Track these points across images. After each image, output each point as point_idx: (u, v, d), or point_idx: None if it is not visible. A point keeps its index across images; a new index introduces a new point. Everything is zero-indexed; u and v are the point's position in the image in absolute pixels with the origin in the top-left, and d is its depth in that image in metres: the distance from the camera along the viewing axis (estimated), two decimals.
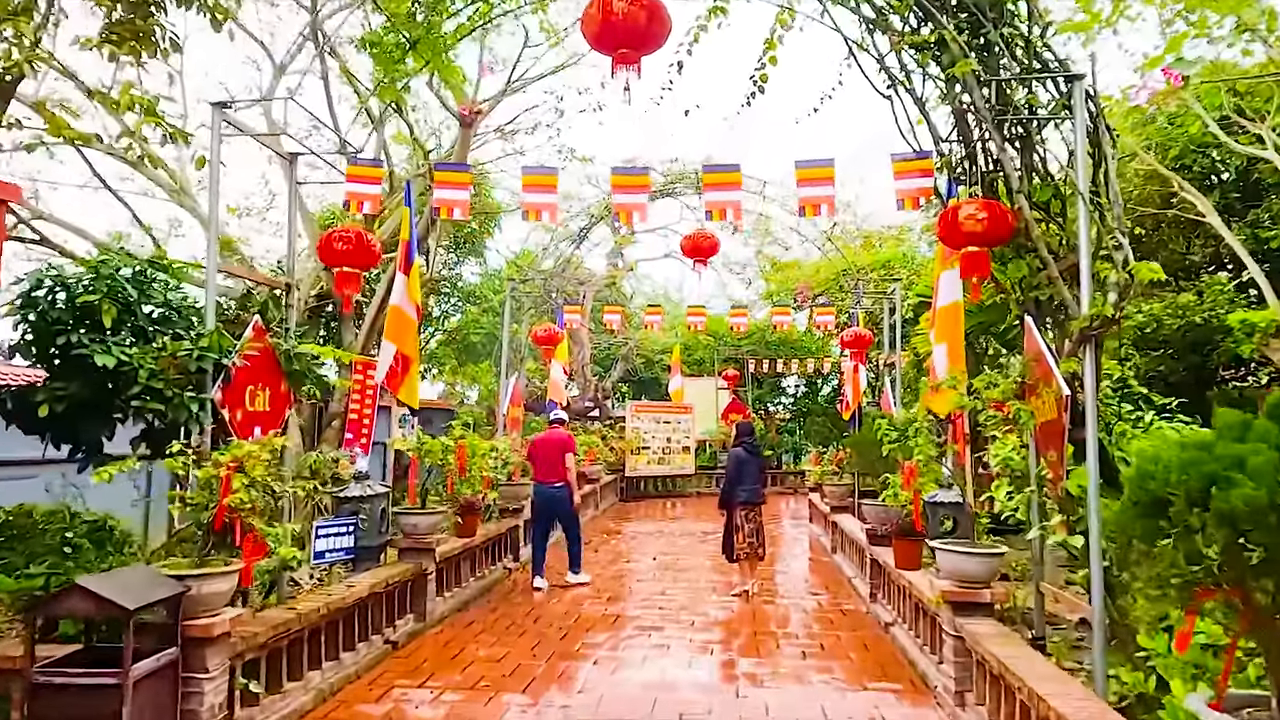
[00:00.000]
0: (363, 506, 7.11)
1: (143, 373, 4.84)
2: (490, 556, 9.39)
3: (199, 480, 4.55)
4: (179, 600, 4.05)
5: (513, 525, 10.18)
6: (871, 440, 8.55)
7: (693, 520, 16.06)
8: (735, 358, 23.67)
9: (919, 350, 9.96)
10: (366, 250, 6.22)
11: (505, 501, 10.30)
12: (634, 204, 6.19)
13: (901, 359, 11.27)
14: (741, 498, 8.99)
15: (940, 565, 5.36)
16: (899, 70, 5.77)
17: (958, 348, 7.02)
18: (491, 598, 8.64)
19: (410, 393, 7.87)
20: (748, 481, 9.02)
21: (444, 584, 7.84)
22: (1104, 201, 4.86)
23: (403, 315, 7.84)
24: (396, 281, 7.89)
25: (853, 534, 9.52)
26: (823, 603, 8.54)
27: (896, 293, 11.00)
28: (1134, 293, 4.50)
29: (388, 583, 6.52)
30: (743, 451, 9.31)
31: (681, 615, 7.91)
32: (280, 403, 6.03)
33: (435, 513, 7.30)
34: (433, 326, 17.64)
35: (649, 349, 23.01)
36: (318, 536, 6.74)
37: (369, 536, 7.12)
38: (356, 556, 7.08)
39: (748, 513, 9.06)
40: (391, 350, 7.77)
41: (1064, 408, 4.67)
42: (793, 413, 26.85)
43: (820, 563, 11.07)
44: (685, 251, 12.31)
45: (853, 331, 11.63)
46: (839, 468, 11.18)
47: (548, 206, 6.37)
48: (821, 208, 6.11)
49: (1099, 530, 4.53)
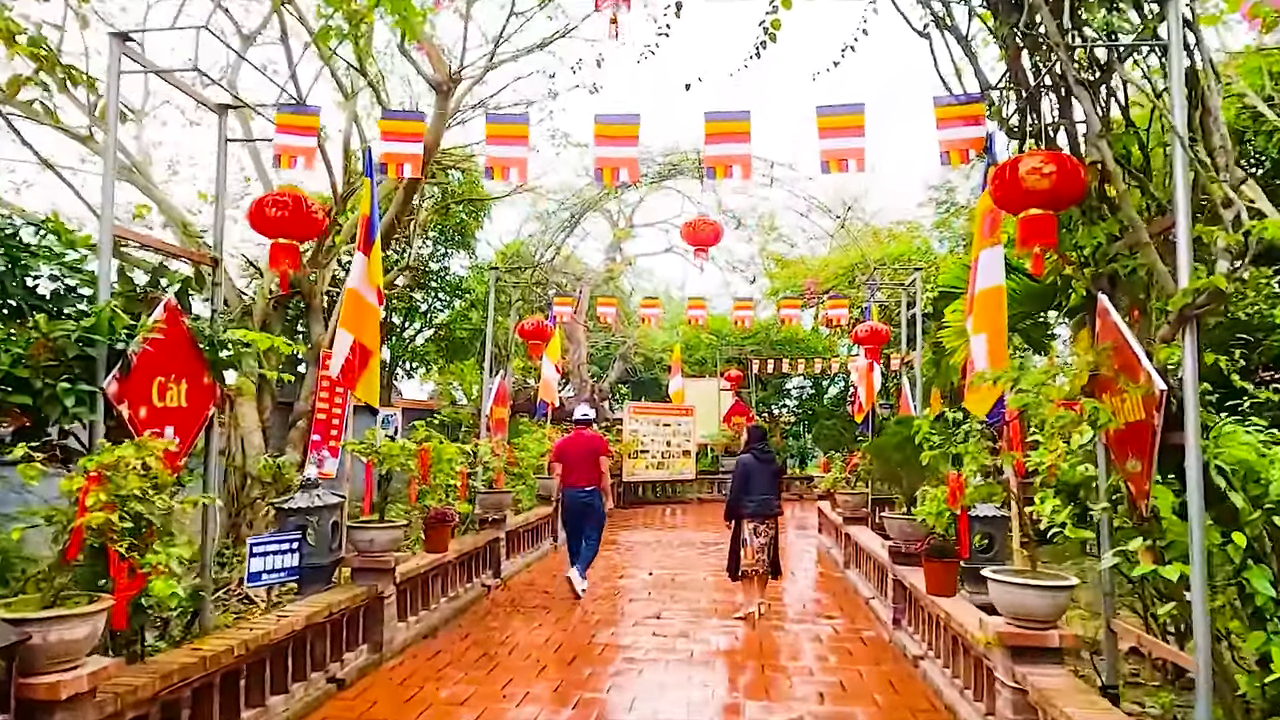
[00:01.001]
0: (310, 520, 6.14)
1: (5, 358, 3.88)
2: (466, 573, 8.41)
3: (62, 492, 3.59)
4: (12, 652, 3.08)
5: (494, 538, 9.21)
6: (894, 445, 7.58)
7: (693, 529, 15.08)
8: (738, 357, 22.69)
9: (945, 345, 9.00)
10: (306, 218, 5.25)
11: (486, 511, 9.33)
12: (623, 159, 5.21)
13: (920, 357, 10.30)
14: (749, 508, 7.99)
15: (995, 598, 4.38)
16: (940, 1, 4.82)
17: (1000, 338, 6.03)
18: (465, 621, 7.67)
19: (369, 389, 6.91)
20: (757, 491, 7.99)
21: (407, 608, 6.87)
22: (1206, 148, 3.89)
23: (361, 301, 6.89)
24: (355, 263, 6.93)
25: (871, 550, 8.54)
26: (839, 629, 7.56)
27: (917, 283, 10.02)
28: (1249, 258, 3.53)
29: (331, 610, 5.54)
30: (752, 459, 8.25)
31: (679, 644, 6.92)
32: (202, 398, 5.06)
33: (394, 526, 6.32)
34: (419, 321, 16.68)
35: (648, 348, 22.03)
36: (253, 555, 5.78)
37: (318, 554, 6.16)
38: (302, 578, 6.12)
39: (757, 525, 8.05)
40: (348, 341, 6.81)
41: (1156, 406, 3.70)
42: (797, 416, 25.87)
43: (832, 579, 10.08)
44: (686, 239, 11.37)
45: (868, 326, 10.65)
46: (853, 475, 10.21)
47: (516, 162, 5.41)
48: (849, 163, 5.13)
49: (1203, 560, 3.57)
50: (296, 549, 6.06)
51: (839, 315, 10.82)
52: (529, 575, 10.05)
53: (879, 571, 8.16)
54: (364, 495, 6.55)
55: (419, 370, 17.32)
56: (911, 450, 7.18)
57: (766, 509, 8.01)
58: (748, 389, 22.34)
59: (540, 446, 11.41)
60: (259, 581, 5.80)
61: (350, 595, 5.84)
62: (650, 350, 22.00)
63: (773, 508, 8.12)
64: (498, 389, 10.97)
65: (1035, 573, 4.37)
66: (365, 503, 6.54)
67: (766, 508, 8.02)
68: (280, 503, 6.18)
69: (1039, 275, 4.61)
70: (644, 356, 21.98)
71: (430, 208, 14.58)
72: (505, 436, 11.10)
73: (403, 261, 12.50)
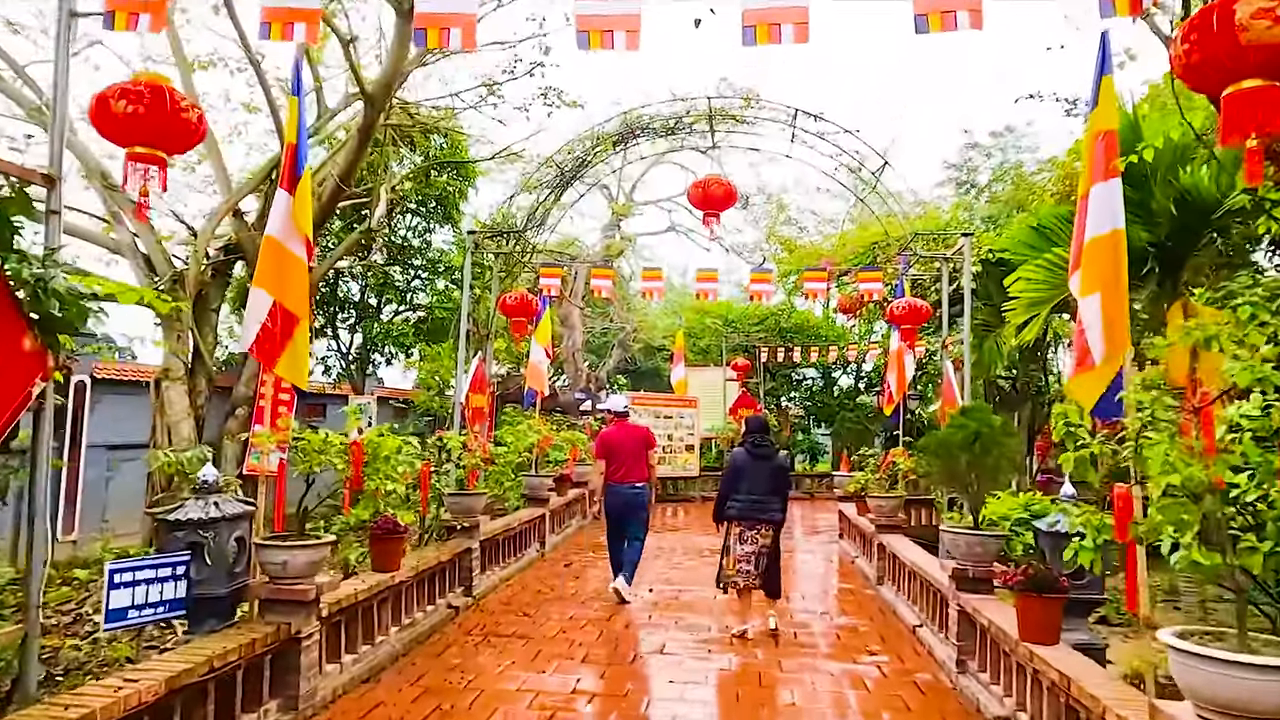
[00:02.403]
0: (204, 536, 4.64)
1: None
2: (427, 594, 6.92)
3: None
4: None
5: (464, 549, 7.71)
6: (961, 442, 6.06)
7: (698, 532, 13.58)
8: (746, 345, 21.16)
9: (1011, 320, 7.51)
10: (172, 120, 3.75)
11: (456, 517, 7.84)
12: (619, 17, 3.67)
13: (968, 338, 8.79)
14: (735, 509, 6.89)
15: (1182, 677, 2.87)
16: None
17: (1119, 298, 4.56)
18: (421, 657, 6.17)
19: (295, 367, 5.40)
20: (746, 490, 6.89)
21: (340, 645, 5.38)
22: None
23: (283, 253, 5.39)
24: (277, 203, 5.42)
25: (919, 567, 7.05)
26: (885, 669, 6.06)
27: (964, 251, 8.51)
28: None
29: (215, 665, 4.04)
30: (744, 453, 7.09)
31: (689, 693, 5.44)
32: (18, 368, 3.57)
33: (314, 545, 4.81)
34: (396, 301, 15.17)
35: (648, 333, 20.49)
36: (115, 585, 4.29)
37: (214, 581, 4.66)
38: (193, 613, 4.63)
39: (744, 531, 6.88)
40: (266, 303, 5.32)
41: None
42: (807, 408, 24.36)
43: (863, 598, 8.59)
44: (694, 202, 9.86)
45: (905, 303, 9.14)
46: (888, 476, 8.73)
47: (460, 20, 3.87)
48: (957, 16, 3.60)
49: None
50: (183, 575, 4.58)
51: (870, 290, 9.32)
52: (508, 591, 8.57)
53: (931, 596, 6.68)
54: (275, 505, 5.03)
55: (399, 356, 15.78)
56: (981, 448, 5.71)
57: (758, 511, 6.85)
58: (755, 379, 20.84)
59: (524, 439, 9.92)
60: (124, 621, 4.32)
61: (247, 640, 4.34)
62: (650, 337, 20.47)
63: (767, 511, 6.86)
64: (475, 373, 9.47)
65: (1245, 639, 2.84)
66: (276, 514, 5.02)
67: (758, 510, 6.85)
68: (163, 513, 4.68)
69: (1255, 185, 3.07)
70: (644, 343, 20.45)
71: (407, 173, 13.07)
72: (485, 428, 9.61)
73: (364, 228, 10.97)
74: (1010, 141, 22.76)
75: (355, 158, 8.12)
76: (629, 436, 8.35)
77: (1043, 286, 6.99)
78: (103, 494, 11.16)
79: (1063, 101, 12.06)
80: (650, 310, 22.89)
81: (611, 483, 8.24)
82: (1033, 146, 22.72)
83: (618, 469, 8.20)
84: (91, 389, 10.79)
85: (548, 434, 10.88)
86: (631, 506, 8.21)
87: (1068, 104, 12.05)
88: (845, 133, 9.67)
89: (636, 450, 8.25)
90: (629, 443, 8.27)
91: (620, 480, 8.19)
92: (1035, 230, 7.37)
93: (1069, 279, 4.83)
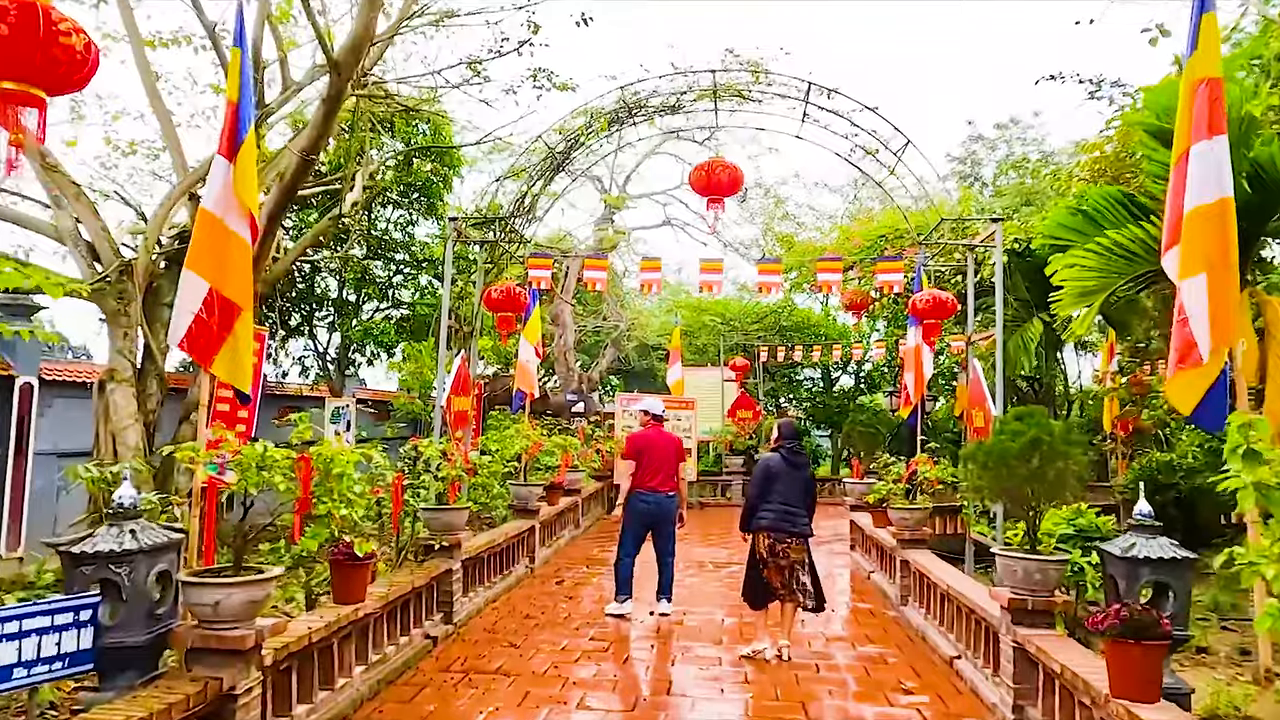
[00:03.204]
0: (117, 572, 3.80)
1: None
2: (400, 624, 6.08)
3: None
4: None
5: (443, 571, 6.88)
6: (1019, 451, 5.27)
7: (699, 542, 12.79)
8: (744, 344, 20.36)
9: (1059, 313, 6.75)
10: (49, 46, 2.89)
11: (435, 535, 7.00)
12: None
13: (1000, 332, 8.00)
14: (767, 519, 6.36)
15: None
16: None
17: (1228, 279, 3.78)
18: (390, 703, 5.33)
19: (235, 365, 4.57)
20: (778, 499, 6.39)
21: (288, 696, 4.54)
22: None
23: (222, 231, 4.58)
24: (214, 172, 4.60)
25: (957, 592, 6.25)
26: (925, 713, 5.26)
27: (997, 235, 7.72)
28: None
29: None
30: (779, 460, 6.53)
31: None
32: None
33: (255, 580, 3.97)
34: (377, 298, 14.30)
35: (643, 332, 19.65)
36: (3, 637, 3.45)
37: (130, 626, 3.83)
38: (103, 666, 3.79)
39: (774, 544, 6.34)
40: (201, 290, 4.52)
41: None
42: (806, 409, 23.59)
43: (885, 621, 7.79)
44: (697, 187, 9.08)
45: (930, 294, 8.34)
46: (912, 485, 7.95)
47: None
48: None
49: None
50: (89, 620, 3.73)
51: (890, 282, 8.52)
52: (493, 614, 7.73)
53: (972, 625, 5.88)
54: (205, 531, 4.17)
55: (380, 355, 14.88)
56: (1041, 460, 4.92)
57: (789, 523, 6.36)
58: (754, 380, 20.04)
59: (512, 446, 9.09)
60: (10, 681, 3.47)
61: (163, 706, 3.49)
62: (645, 336, 19.63)
63: (798, 524, 6.42)
64: (457, 373, 8.63)
65: None
66: (206, 544, 4.17)
67: (790, 521, 6.37)
68: (67, 544, 3.83)
69: None
70: (639, 342, 19.61)
71: (386, 158, 12.23)
72: (470, 433, 8.76)
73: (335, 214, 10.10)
74: (1016, 134, 22.08)
75: (321, 131, 7.27)
76: (665, 442, 7.77)
77: (1095, 274, 6.23)
78: (53, 505, 10.26)
79: (1087, 83, 11.31)
80: (644, 309, 22.07)
81: (641, 489, 7.58)
82: (1039, 139, 22.05)
83: (652, 474, 7.58)
84: (40, 391, 9.91)
85: (537, 439, 10.05)
86: (664, 516, 7.63)
87: (1091, 85, 11.29)
88: (864, 110, 8.87)
89: (672, 456, 7.70)
90: (665, 448, 7.69)
91: (653, 487, 7.59)
92: (1081, 214, 6.61)
93: (1162, 258, 4.04)
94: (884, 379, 22.18)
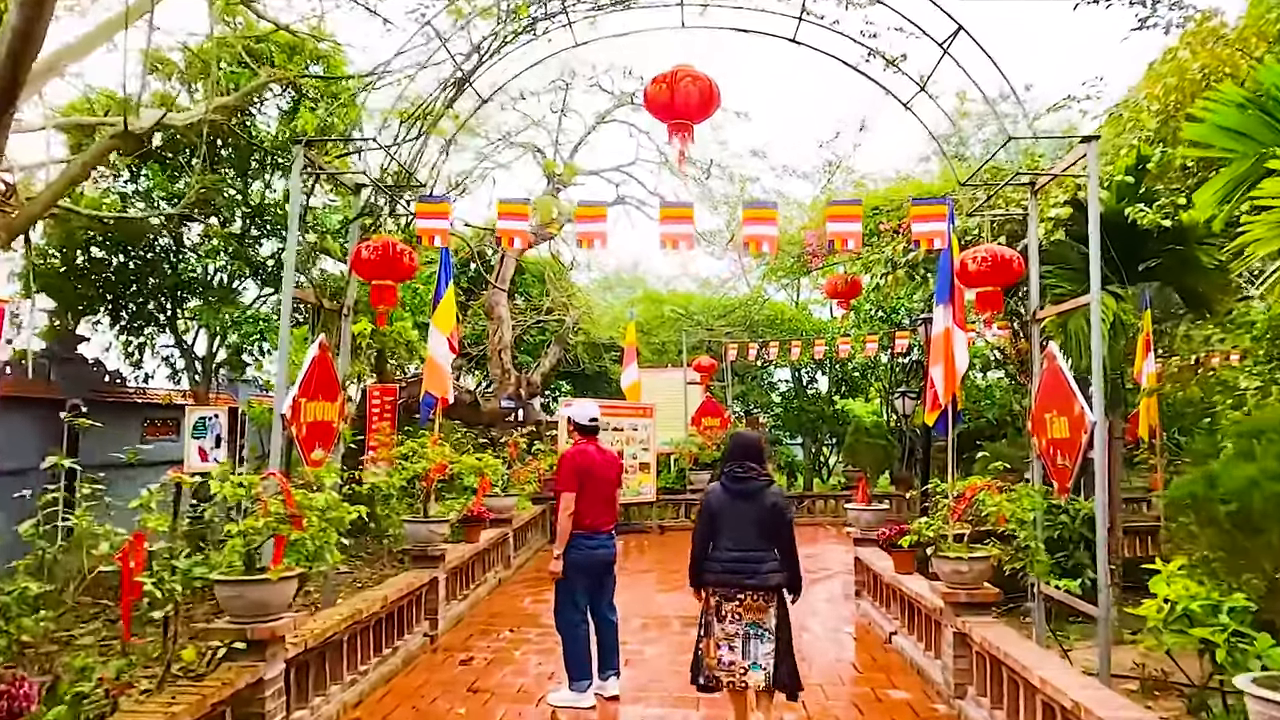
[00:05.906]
0: None
1: None
2: None
3: None
4: None
5: (248, 682, 4.19)
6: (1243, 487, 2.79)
7: (659, 582, 10.27)
8: (709, 342, 17.86)
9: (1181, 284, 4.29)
10: None
11: (240, 624, 4.31)
12: None
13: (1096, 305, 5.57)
14: (713, 572, 4.69)
15: None
16: None
17: None
18: None
19: None
20: (723, 544, 4.69)
21: None
22: None
23: None
24: None
25: (1085, 709, 3.73)
26: None
27: (1091, 158, 5.29)
28: None
29: None
30: (718, 490, 4.82)
31: None
32: None
33: None
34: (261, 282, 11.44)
35: (593, 328, 16.97)
36: None
37: None
38: None
39: (721, 603, 4.66)
40: None
41: None
42: (777, 416, 21.14)
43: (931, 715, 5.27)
44: (656, 109, 6.64)
45: (986, 251, 5.89)
46: (971, 523, 5.47)
47: None
48: None
49: None
50: None
51: (929, 234, 5.95)
52: None
53: None
54: None
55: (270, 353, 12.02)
56: None
57: (743, 574, 4.61)
58: (722, 382, 17.55)
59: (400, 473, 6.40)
60: None
61: None
62: (596, 332, 16.99)
63: (757, 574, 4.60)
64: (310, 366, 5.94)
65: None
66: None
67: (742, 572, 4.62)
68: None
69: None
70: (587, 339, 16.97)
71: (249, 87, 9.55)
72: (325, 458, 6.04)
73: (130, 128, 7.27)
74: (1005, 109, 19.96)
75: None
76: (607, 463, 5.95)
77: None
78: None
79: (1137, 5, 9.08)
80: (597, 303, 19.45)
81: (582, 532, 5.65)
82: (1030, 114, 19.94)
83: (591, 510, 5.69)
84: None
85: (440, 459, 7.41)
86: (608, 563, 5.88)
87: (1141, 5, 9.07)
88: (877, 2, 6.43)
89: (614, 483, 5.96)
90: (606, 471, 5.87)
91: (594, 527, 5.73)
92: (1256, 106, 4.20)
93: None
94: (868, 381, 19.82)
